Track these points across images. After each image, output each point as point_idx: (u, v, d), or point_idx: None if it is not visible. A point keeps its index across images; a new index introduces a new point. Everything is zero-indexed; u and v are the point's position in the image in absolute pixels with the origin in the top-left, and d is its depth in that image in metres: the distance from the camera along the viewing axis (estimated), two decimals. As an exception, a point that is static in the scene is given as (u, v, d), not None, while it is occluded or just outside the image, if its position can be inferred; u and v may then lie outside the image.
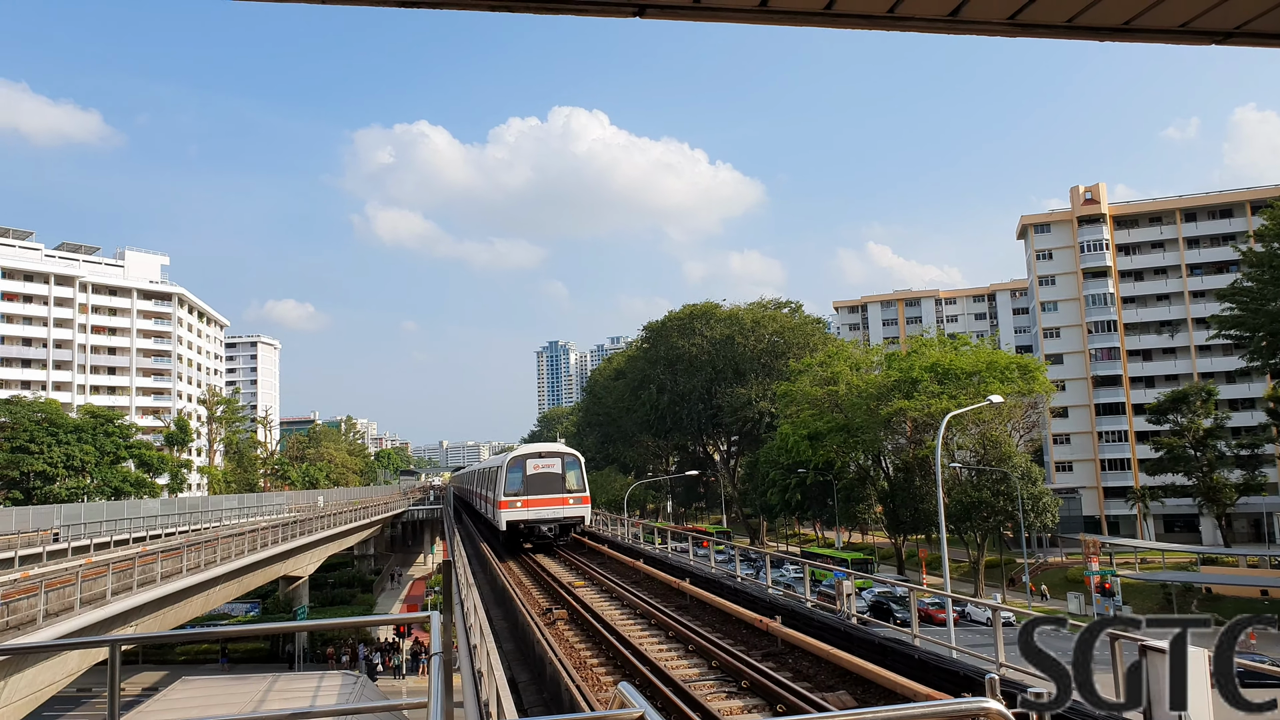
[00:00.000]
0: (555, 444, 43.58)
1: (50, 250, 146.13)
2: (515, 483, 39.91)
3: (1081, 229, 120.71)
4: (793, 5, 4.18)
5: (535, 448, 43.32)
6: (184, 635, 9.99)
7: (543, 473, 40.20)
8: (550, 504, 39.96)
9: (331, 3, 4.00)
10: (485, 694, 13.26)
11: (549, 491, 39.98)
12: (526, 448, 43.36)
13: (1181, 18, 4.46)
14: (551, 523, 40.10)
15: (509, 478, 39.94)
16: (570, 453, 42.06)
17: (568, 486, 40.43)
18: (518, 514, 39.60)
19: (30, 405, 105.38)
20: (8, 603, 28.28)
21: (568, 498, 40.24)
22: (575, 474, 41.07)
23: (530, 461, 40.63)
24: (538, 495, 39.76)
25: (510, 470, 40.19)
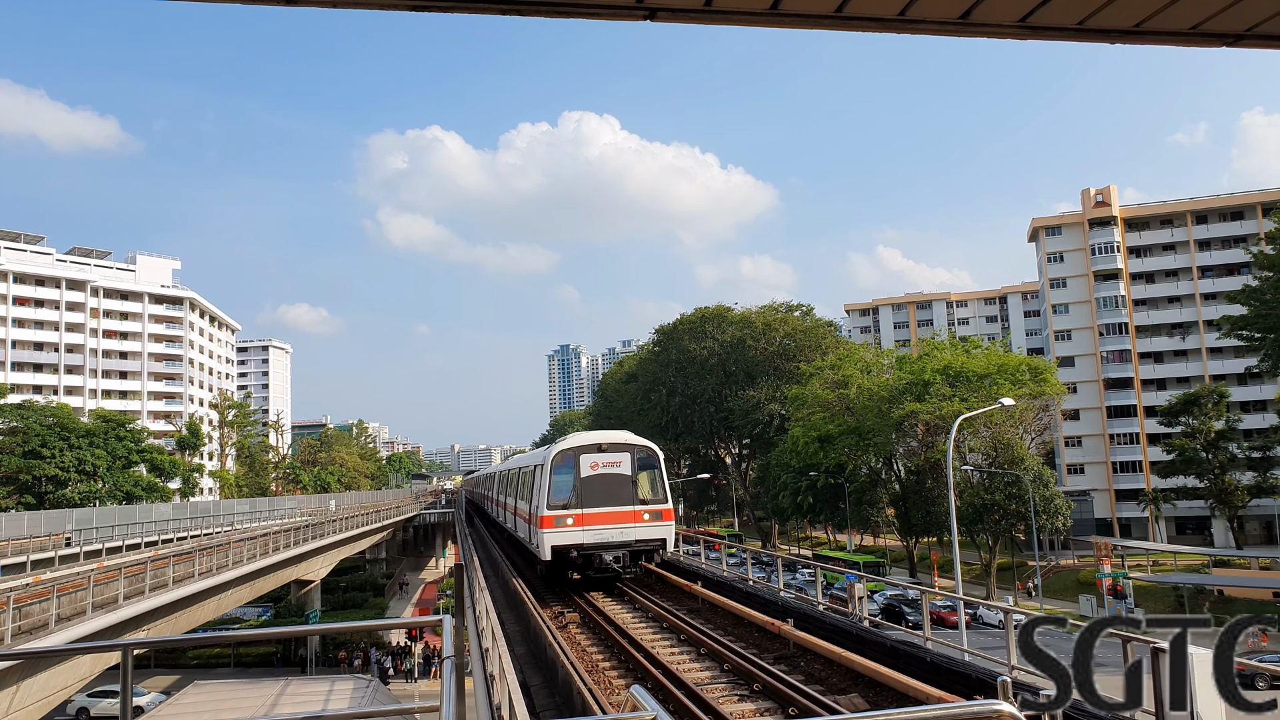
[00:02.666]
0: (621, 433, 30.19)
1: (62, 255, 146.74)
2: (564, 488, 27.75)
3: (1092, 231, 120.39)
4: (804, 8, 4.19)
5: (593, 437, 29.24)
6: (196, 639, 10.03)
7: (605, 474, 27.96)
8: (617, 520, 27.61)
9: (341, 6, 4.02)
10: (497, 697, 13.27)
11: (615, 502, 27.72)
12: (580, 437, 29.30)
13: (1192, 20, 4.46)
14: (619, 548, 27.48)
15: (555, 481, 27.71)
16: (643, 444, 29.05)
17: (641, 495, 28.03)
18: (568, 535, 27.13)
19: (42, 410, 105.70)
20: (20, 607, 28.37)
21: (642, 511, 27.75)
22: (652, 476, 28.64)
23: (587, 457, 28.14)
24: (598, 507, 27.48)
25: (558, 470, 27.89)
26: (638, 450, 28.46)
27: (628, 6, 4.14)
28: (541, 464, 28.37)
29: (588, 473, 27.61)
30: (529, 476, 31.51)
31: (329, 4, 4.00)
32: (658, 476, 28.46)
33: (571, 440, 28.83)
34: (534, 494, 29.08)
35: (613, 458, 28.05)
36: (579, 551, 27.09)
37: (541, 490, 27.62)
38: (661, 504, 28.14)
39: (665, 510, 28.24)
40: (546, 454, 28.66)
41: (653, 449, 28.80)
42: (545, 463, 27.89)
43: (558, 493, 27.47)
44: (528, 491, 31.22)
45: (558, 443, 29.17)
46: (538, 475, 28.73)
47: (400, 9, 4.07)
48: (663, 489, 28.35)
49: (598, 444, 28.29)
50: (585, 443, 28.39)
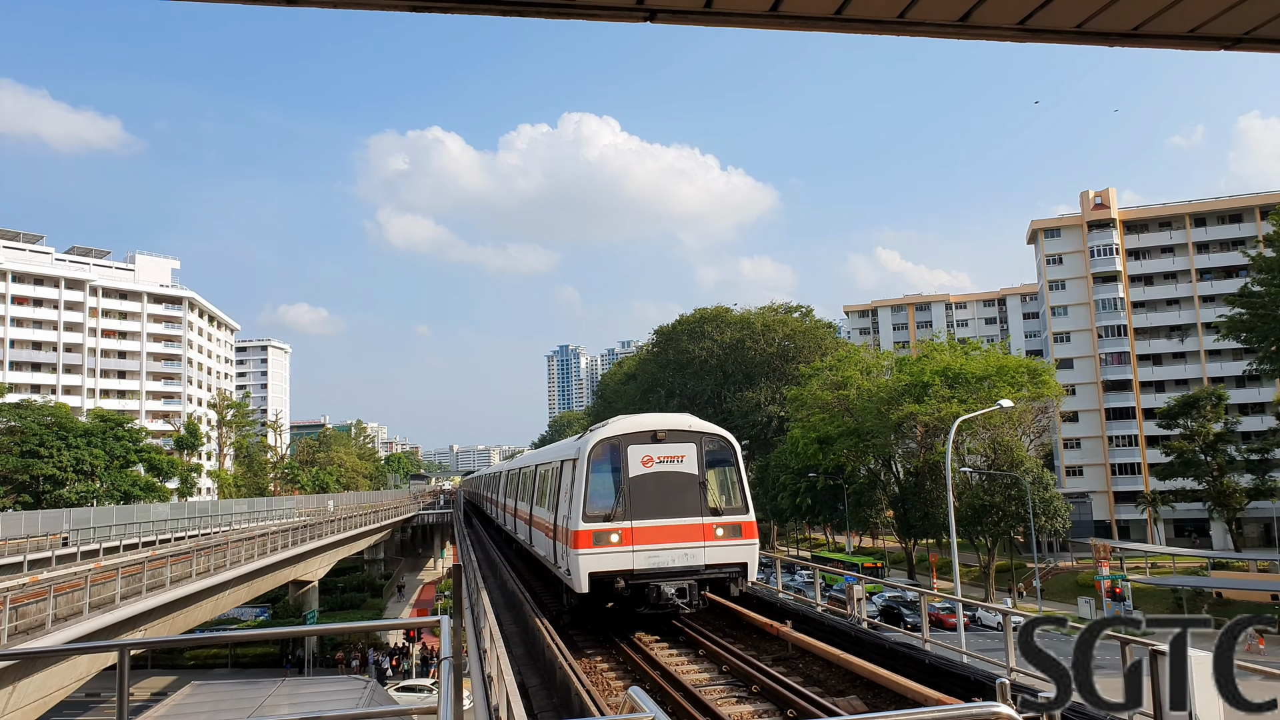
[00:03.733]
0: (682, 415, 22.79)
1: (60, 254, 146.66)
2: (606, 492, 20.24)
3: (1091, 234, 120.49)
4: (803, 9, 4.19)
5: (645, 421, 21.29)
6: (193, 640, 10.00)
7: (663, 472, 20.36)
8: (680, 537, 19.89)
9: (342, 6, 4.02)
10: (495, 699, 13.27)
11: (676, 512, 20.00)
12: (626, 421, 21.46)
13: (1191, 23, 4.46)
14: (683, 576, 19.72)
15: (594, 483, 20.20)
16: (714, 431, 21.34)
17: (712, 502, 20.29)
18: (612, 558, 19.46)
19: (40, 409, 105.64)
20: (16, 607, 28.35)
21: (714, 524, 20.08)
22: (726, 475, 21.03)
23: (637, 449, 20.37)
24: (654, 519, 19.88)
25: (597, 467, 20.33)
26: (706, 439, 20.68)
27: (628, 8, 4.14)
28: (574, 459, 20.54)
29: (638, 471, 19.89)
30: (552, 476, 23.98)
31: (329, 4, 4.00)
32: (734, 475, 20.68)
33: (615, 426, 20.78)
34: (561, 499, 21.57)
35: (673, 449, 20.31)
36: (628, 581, 19.07)
37: (574, 495, 19.90)
38: (740, 514, 20.20)
39: (745, 523, 20.18)
40: (580, 445, 20.71)
41: (726, 438, 21.07)
42: (580, 457, 20.09)
43: (597, 498, 19.71)
44: (551, 496, 23.70)
45: (595, 429, 21.41)
46: (567, 474, 21.26)
47: (401, 9, 4.07)
48: (741, 493, 20.48)
49: (652, 430, 20.32)
50: (634, 429, 20.45)
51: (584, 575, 19.02)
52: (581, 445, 20.59)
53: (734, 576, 20.18)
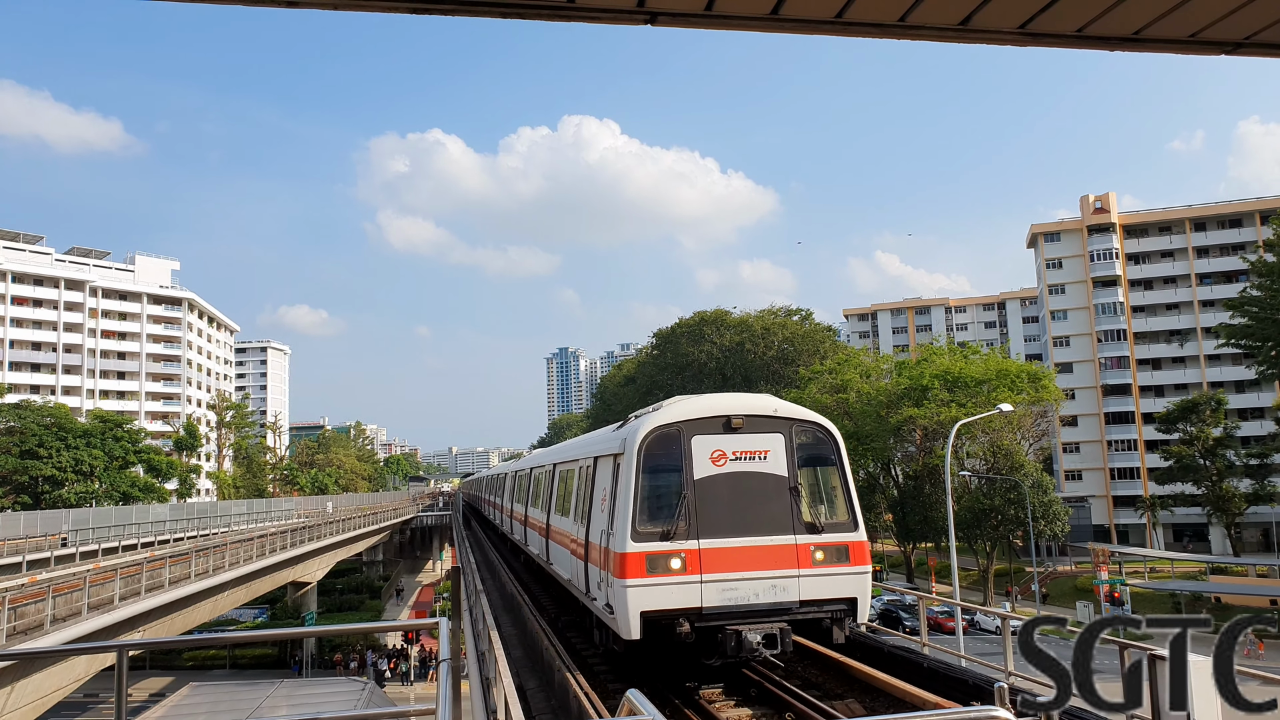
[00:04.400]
0: (762, 397, 16.40)
1: (60, 255, 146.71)
2: (663, 498, 14.90)
3: (1091, 238, 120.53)
4: (804, 13, 4.20)
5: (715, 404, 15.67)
6: (192, 640, 9.88)
7: (741, 473, 15.03)
8: (765, 562, 14.61)
9: (342, 8, 4.03)
10: (493, 701, 13.27)
11: (759, 527, 14.70)
12: (690, 405, 15.70)
13: (1191, 28, 4.47)
14: (770, 617, 14.35)
15: (646, 487, 14.84)
16: (808, 417, 15.96)
17: (807, 515, 15.09)
18: (674, 591, 14.16)
19: (39, 410, 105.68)
20: (15, 608, 28.34)
21: (811, 545, 14.86)
22: (826, 477, 16.01)
23: (704, 442, 14.97)
24: (729, 537, 14.52)
25: (651, 464, 14.94)
26: (799, 428, 15.30)
27: (629, 10, 4.15)
28: (616, 454, 15.43)
29: (707, 471, 14.57)
30: (580, 477, 18.75)
31: (330, 6, 4.01)
32: (837, 477, 15.57)
33: (674, 409, 15.40)
34: (597, 509, 16.32)
35: (754, 442, 14.95)
36: (695, 623, 13.90)
37: (618, 504, 14.68)
38: (847, 530, 14.97)
39: (854, 544, 14.94)
40: (627, 435, 15.38)
41: (825, 427, 15.70)
42: (626, 451, 14.84)
43: (651, 509, 14.48)
44: (579, 503, 18.36)
45: (644, 414, 16.31)
46: (605, 475, 16.11)
47: (401, 11, 4.08)
48: (848, 502, 15.30)
49: (724, 416, 14.95)
50: (701, 413, 15.08)
51: (634, 616, 13.63)
52: (628, 436, 14.96)
53: (839, 616, 14.69)
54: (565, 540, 19.56)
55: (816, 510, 15.15)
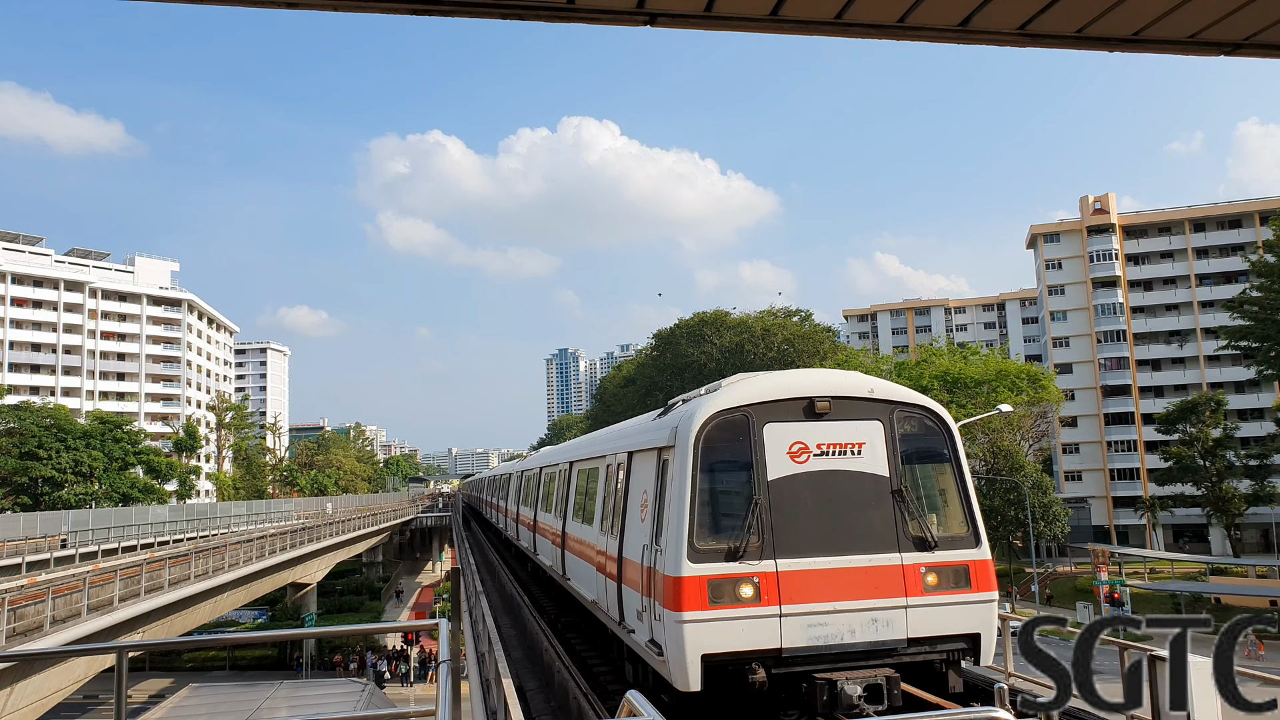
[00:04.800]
0: (850, 374, 12.63)
1: (60, 256, 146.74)
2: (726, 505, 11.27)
3: (1091, 239, 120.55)
4: (804, 14, 4.20)
5: (794, 383, 11.82)
6: (191, 642, 9.95)
7: (829, 471, 11.31)
8: (863, 588, 10.93)
9: (343, 9, 4.04)
10: (493, 702, 13.27)
11: (854, 543, 11.08)
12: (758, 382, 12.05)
13: (1191, 29, 4.47)
14: (872, 659, 10.85)
15: (704, 488, 11.12)
16: (913, 401, 12.18)
17: (913, 527, 11.30)
18: (745, 628, 10.48)
19: (39, 411, 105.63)
20: (15, 609, 28.32)
21: (922, 564, 11.15)
22: (936, 476, 12.32)
23: (780, 430, 11.28)
24: (815, 556, 10.88)
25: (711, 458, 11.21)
26: (902, 413, 12.06)
27: (628, 11, 4.15)
28: (664, 448, 12.05)
29: (785, 469, 11.28)
30: (609, 478, 15.40)
31: (329, 7, 4.01)
32: (951, 476, 12.21)
33: (741, 391, 11.88)
34: (634, 517, 13.07)
35: (844, 431, 11.70)
36: (774, 668, 10.75)
37: (667, 512, 11.45)
38: (966, 545, 11.71)
39: (977, 563, 11.70)
40: (679, 422, 11.84)
41: (935, 411, 12.37)
42: (679, 444, 11.52)
43: (712, 519, 11.23)
44: (607, 510, 14.93)
45: (698, 399, 12.44)
46: (646, 475, 12.81)
47: (401, 12, 4.08)
48: (966, 508, 12.01)
49: (807, 398, 11.66)
50: (775, 394, 11.73)
51: (693, 661, 10.34)
52: (680, 424, 11.55)
53: (956, 656, 11.54)
54: (587, 553, 16.16)
55: (927, 520, 11.52)
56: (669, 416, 12.80)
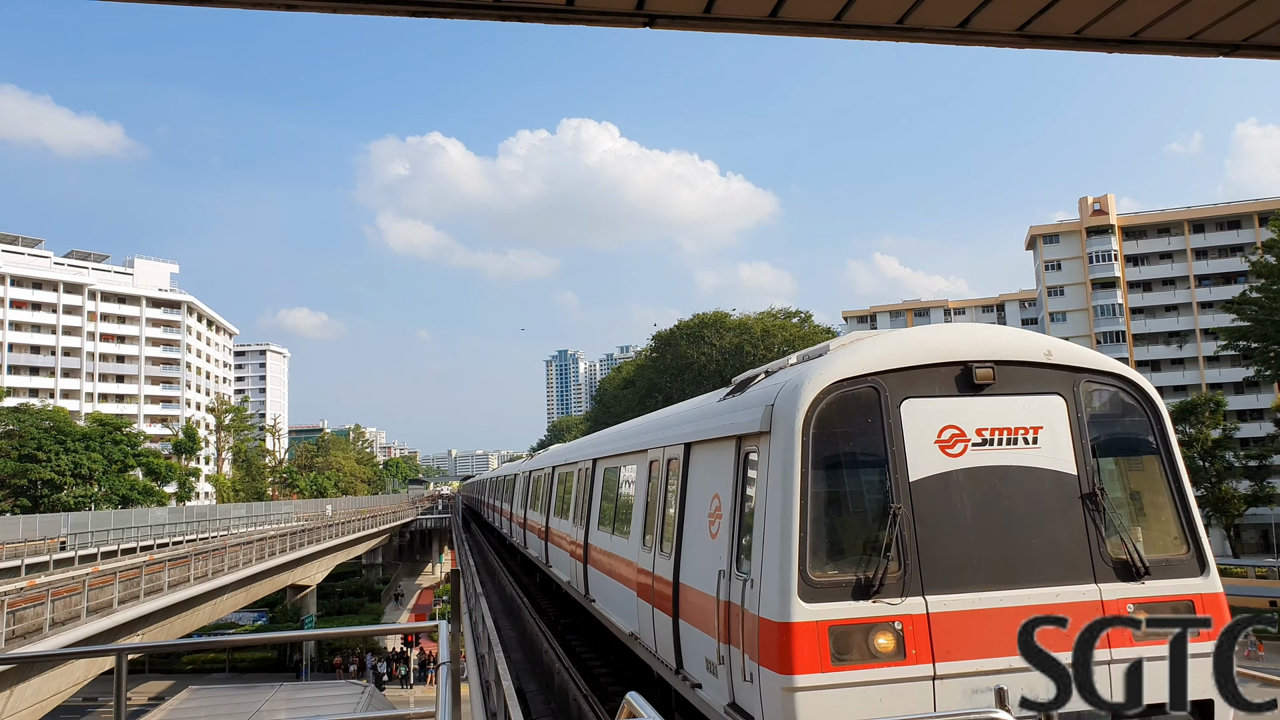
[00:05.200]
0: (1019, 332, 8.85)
1: (59, 258, 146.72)
2: (846, 520, 8.05)
3: (1090, 240, 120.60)
4: (803, 15, 4.20)
5: (941, 341, 8.38)
6: (191, 644, 9.95)
7: (996, 467, 7.98)
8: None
9: (342, 11, 4.03)
10: (493, 703, 13.26)
11: (1035, 572, 7.75)
12: (890, 340, 8.51)
13: (1190, 30, 4.47)
14: None
15: (817, 491, 7.73)
16: (1105, 369, 8.71)
17: (1113, 546, 8.03)
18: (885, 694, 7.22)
19: (38, 413, 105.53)
20: (14, 611, 28.31)
21: (1128, 600, 7.83)
22: (1143, 472, 8.84)
23: (925, 408, 8.01)
24: (982, 589, 7.58)
25: (820, 451, 7.82)
26: (1090, 385, 8.67)
27: (627, 13, 4.15)
28: (754, 434, 8.56)
29: (934, 464, 7.94)
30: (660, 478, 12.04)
31: (329, 9, 4.01)
32: (1161, 473, 8.77)
33: (866, 353, 8.28)
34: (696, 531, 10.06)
35: (1014, 411, 8.25)
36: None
37: (763, 527, 7.99)
38: (1187, 572, 8.25)
39: (1205, 597, 8.12)
40: (776, 401, 8.28)
41: (1135, 382, 8.88)
42: (778, 429, 8.08)
43: (827, 537, 7.86)
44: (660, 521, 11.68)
45: (801, 366, 8.91)
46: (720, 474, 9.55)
47: (400, 14, 4.08)
48: (1182, 517, 8.54)
49: (962, 364, 8.23)
50: (917, 358, 8.22)
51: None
52: (781, 399, 8.31)
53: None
54: (621, 572, 13.30)
55: (1131, 535, 8.24)
56: (752, 393, 9.42)
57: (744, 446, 8.80)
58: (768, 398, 8.45)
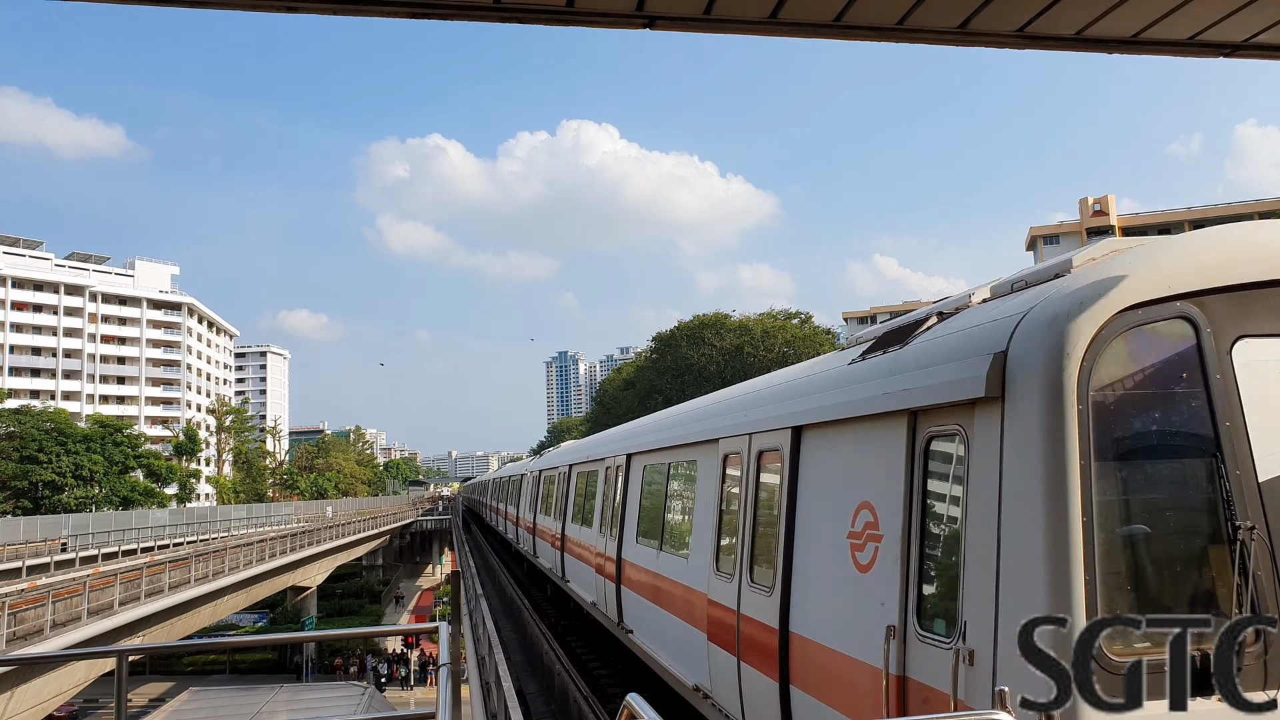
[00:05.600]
0: None
1: (60, 260, 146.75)
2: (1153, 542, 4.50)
3: (1090, 241, 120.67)
4: (803, 17, 4.20)
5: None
6: (192, 645, 9.97)
7: None
8: None
9: (343, 13, 4.03)
10: (493, 704, 13.26)
11: None
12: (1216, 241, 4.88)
13: (1191, 30, 4.47)
14: None
15: (1113, 492, 4.46)
16: None
17: None
18: None
19: (39, 415, 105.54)
20: (15, 613, 28.32)
21: None
22: None
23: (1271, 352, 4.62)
24: None
25: (1106, 426, 4.53)
26: None
27: (627, 14, 4.15)
28: (986, 406, 5.02)
29: None
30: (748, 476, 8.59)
31: (330, 11, 4.01)
32: None
33: (1157, 263, 4.81)
34: (825, 558, 6.83)
35: None
36: None
37: (1006, 563, 4.63)
38: None
39: None
40: (1012, 341, 4.97)
41: None
42: (1036, 383, 4.69)
43: (1129, 581, 4.42)
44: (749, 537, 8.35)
45: (1052, 284, 5.26)
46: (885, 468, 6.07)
47: (400, 16, 4.08)
48: None
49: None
50: (1256, 272, 4.73)
51: None
52: (1023, 337, 4.93)
53: None
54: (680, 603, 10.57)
55: None
56: (934, 343, 6.00)
57: (927, 427, 5.61)
58: (988, 342, 5.19)
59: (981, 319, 5.61)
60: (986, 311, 5.72)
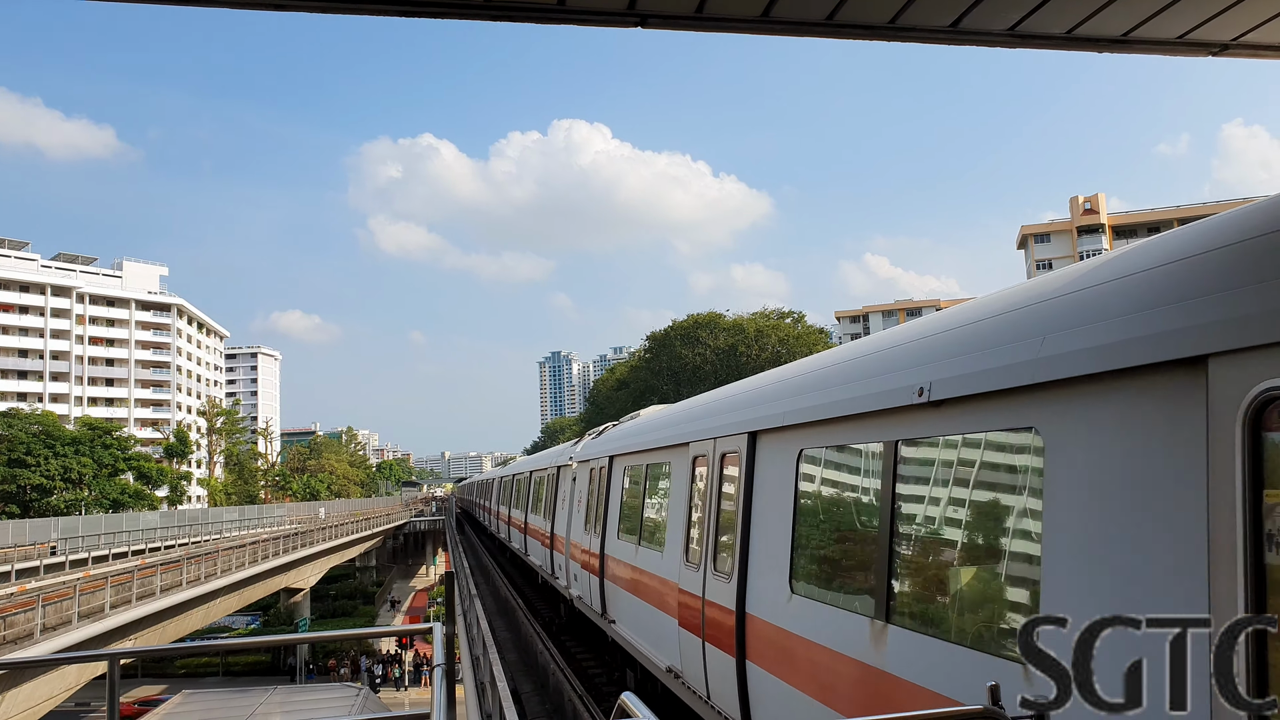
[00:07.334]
0: None
1: (47, 261, 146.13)
2: None
3: (1081, 239, 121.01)
4: (795, 15, 4.21)
5: None
6: (184, 648, 9.91)
7: None
8: None
9: (332, 11, 4.03)
10: (488, 704, 13.26)
11: None
12: None
13: (1180, 29, 4.49)
14: None
15: None
16: None
17: None
18: None
19: (27, 417, 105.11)
20: (4, 616, 28.24)
21: None
22: None
23: None
24: None
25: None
26: None
27: (619, 13, 4.16)
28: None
29: None
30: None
31: (319, 9, 4.01)
32: None
33: None
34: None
35: None
36: None
37: None
38: None
39: None
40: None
41: None
42: None
43: None
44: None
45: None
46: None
47: (390, 14, 4.08)
48: None
49: None
50: None
51: None
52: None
53: None
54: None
55: None
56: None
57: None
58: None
59: None
60: None
